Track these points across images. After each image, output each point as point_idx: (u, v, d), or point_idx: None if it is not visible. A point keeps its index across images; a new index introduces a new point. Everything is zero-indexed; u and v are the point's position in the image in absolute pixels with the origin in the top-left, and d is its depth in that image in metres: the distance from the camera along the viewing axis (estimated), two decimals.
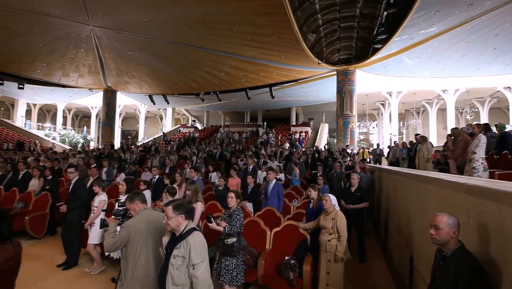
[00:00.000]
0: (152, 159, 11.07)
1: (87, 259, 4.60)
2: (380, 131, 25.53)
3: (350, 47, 14.71)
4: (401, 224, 3.93)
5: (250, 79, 16.63)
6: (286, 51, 12.54)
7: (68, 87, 19.61)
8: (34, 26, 11.20)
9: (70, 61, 15.16)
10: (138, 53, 13.88)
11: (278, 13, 9.26)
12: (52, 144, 23.35)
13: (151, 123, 34.86)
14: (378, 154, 13.07)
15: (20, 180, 6.85)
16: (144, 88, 19.92)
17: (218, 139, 19.77)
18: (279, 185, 5.42)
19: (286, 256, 3.59)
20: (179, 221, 2.09)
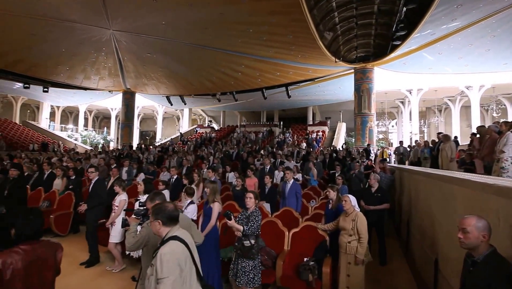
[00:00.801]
0: (170, 159, 11.26)
1: (108, 257, 4.71)
2: (400, 130, 24.83)
3: (368, 44, 14.38)
4: (424, 226, 3.80)
5: (266, 79, 16.60)
6: (302, 50, 12.42)
7: (89, 89, 20.34)
8: (57, 32, 11.66)
9: (91, 64, 15.69)
10: (156, 55, 14.16)
11: (294, 12, 9.19)
12: (74, 145, 24.30)
13: (168, 123, 35.50)
14: (402, 153, 11.90)
15: (45, 180, 7.12)
16: (161, 89, 20.31)
17: (234, 139, 19.89)
18: (297, 185, 5.37)
19: (305, 257, 3.55)
20: (156, 226, 1.92)
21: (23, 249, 1.74)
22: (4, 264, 1.63)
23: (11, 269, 1.65)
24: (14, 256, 1.68)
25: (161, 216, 1.91)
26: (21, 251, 1.72)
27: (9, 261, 1.65)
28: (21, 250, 1.72)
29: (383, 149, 13.03)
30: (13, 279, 1.66)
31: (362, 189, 6.20)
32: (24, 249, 1.74)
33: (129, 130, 21.21)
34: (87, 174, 8.50)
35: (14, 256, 1.68)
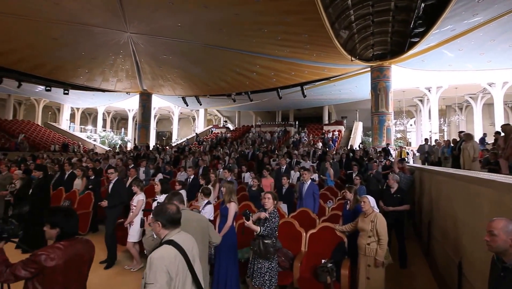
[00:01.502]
0: (186, 159, 11.40)
1: (127, 256, 4.78)
2: (419, 129, 24.17)
3: (385, 42, 14.07)
4: (447, 228, 3.68)
5: (281, 79, 16.57)
6: (317, 49, 12.31)
7: (108, 91, 20.95)
8: (77, 36, 12.07)
9: (110, 66, 16.14)
10: (171, 56, 14.41)
11: (309, 11, 9.11)
12: (93, 145, 25.05)
13: (184, 124, 36.01)
14: (427, 152, 10.75)
15: (66, 180, 7.34)
16: (177, 90, 20.64)
17: (250, 139, 19.93)
18: (314, 185, 5.31)
19: (323, 259, 3.48)
20: (156, 228, 1.88)
21: (64, 245, 1.86)
22: (47, 258, 1.75)
23: (54, 263, 1.76)
24: (56, 251, 1.80)
25: (161, 218, 1.86)
26: (62, 247, 1.84)
27: (52, 255, 1.76)
28: (62, 246, 1.84)
29: (401, 148, 12.68)
30: (55, 272, 1.78)
31: (380, 190, 6.07)
32: (64, 245, 1.86)
33: (145, 131, 21.68)
34: (106, 174, 8.76)
35: (56, 251, 1.80)
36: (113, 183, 4.94)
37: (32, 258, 1.76)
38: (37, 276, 1.77)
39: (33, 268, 1.74)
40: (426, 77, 16.84)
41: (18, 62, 14.72)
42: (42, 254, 1.77)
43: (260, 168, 8.97)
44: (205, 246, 2.61)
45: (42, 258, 1.75)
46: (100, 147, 25.23)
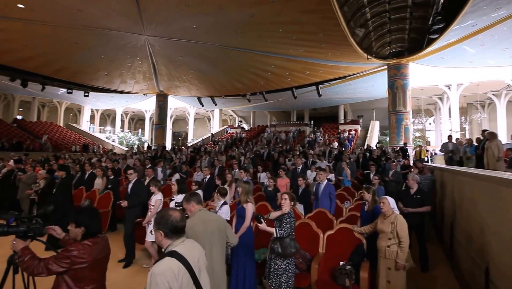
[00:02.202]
0: (202, 159, 11.53)
1: (145, 255, 4.87)
2: (438, 128, 23.44)
3: (402, 39, 13.73)
4: (471, 232, 3.55)
5: (296, 78, 16.47)
6: (333, 48, 12.15)
7: (126, 93, 21.49)
8: (98, 40, 12.45)
9: (128, 69, 16.55)
10: (187, 58, 14.60)
11: (324, 10, 9.01)
12: (112, 146, 25.80)
13: (199, 124, 36.45)
14: (451, 150, 9.60)
15: (86, 180, 7.55)
16: (193, 91, 20.90)
17: (265, 139, 19.94)
18: (331, 186, 5.26)
19: (341, 261, 3.44)
20: (158, 238, 1.73)
21: (92, 242, 1.96)
22: (79, 254, 1.86)
23: (84, 259, 1.87)
24: (86, 248, 1.91)
25: (163, 227, 1.70)
26: (91, 244, 1.94)
27: (82, 251, 1.88)
28: (91, 243, 1.95)
29: (420, 148, 12.32)
30: (85, 268, 1.89)
31: (399, 191, 5.92)
32: (92, 242, 1.97)
33: (162, 131, 22.06)
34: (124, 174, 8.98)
35: (86, 248, 1.91)
36: (132, 184, 5.02)
37: (65, 254, 1.85)
38: (68, 271, 1.86)
39: (66, 263, 1.83)
40: (445, 74, 16.33)
41: (42, 66, 15.35)
42: (74, 250, 1.86)
43: (276, 168, 8.96)
44: (223, 247, 2.61)
45: (74, 253, 1.84)
46: (118, 147, 25.97)
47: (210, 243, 2.45)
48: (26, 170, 7.74)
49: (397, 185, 6.75)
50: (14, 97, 24.99)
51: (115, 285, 3.86)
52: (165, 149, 17.37)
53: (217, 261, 2.47)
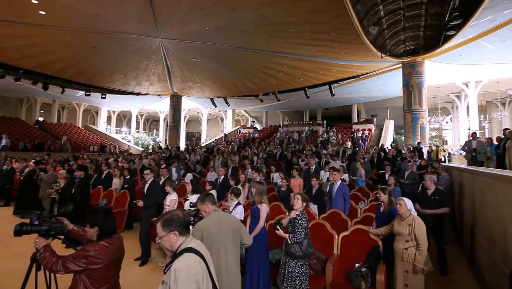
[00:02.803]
0: (215, 159, 11.63)
1: (160, 254, 4.95)
2: (456, 126, 22.75)
3: (417, 36, 13.43)
4: (494, 235, 3.44)
5: (308, 78, 16.38)
6: (346, 47, 12.01)
7: (141, 94, 21.95)
8: (113, 43, 12.78)
9: (143, 71, 16.89)
10: (200, 59, 14.76)
11: (337, 9, 8.91)
12: (128, 146, 26.38)
13: (212, 125, 36.73)
14: (475, 149, 8.48)
15: (103, 179, 7.77)
16: (206, 92, 21.11)
17: (277, 139, 19.92)
18: (345, 186, 5.20)
19: (356, 263, 3.40)
20: (172, 239, 1.69)
21: (108, 242, 2.02)
22: (95, 255, 1.92)
23: (100, 260, 1.93)
24: (103, 248, 1.97)
25: (176, 226, 1.70)
26: (107, 244, 2.00)
27: (99, 252, 1.93)
28: (105, 243, 2.00)
29: (437, 147, 12.01)
30: (101, 268, 1.94)
31: (415, 191, 5.80)
32: (108, 242, 2.02)
33: (176, 132, 22.39)
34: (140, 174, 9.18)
35: (103, 248, 1.96)
36: (149, 184, 5.10)
37: (82, 253, 1.91)
38: (85, 270, 1.91)
39: (83, 262, 1.89)
40: (463, 72, 15.80)
41: (61, 70, 15.92)
42: (91, 250, 1.91)
43: (289, 168, 8.93)
44: (237, 247, 2.62)
45: (91, 254, 1.90)
46: (134, 147, 26.53)
47: (225, 243, 2.46)
48: (47, 170, 8.05)
49: (414, 186, 6.61)
50: (36, 99, 25.97)
51: (131, 282, 3.94)
52: (179, 149, 17.62)
53: (231, 261, 2.49)
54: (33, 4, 9.26)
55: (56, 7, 9.56)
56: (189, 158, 13.47)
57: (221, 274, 2.40)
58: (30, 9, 9.55)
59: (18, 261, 4.32)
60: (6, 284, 3.77)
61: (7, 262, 4.51)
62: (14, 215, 7.73)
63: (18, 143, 18.50)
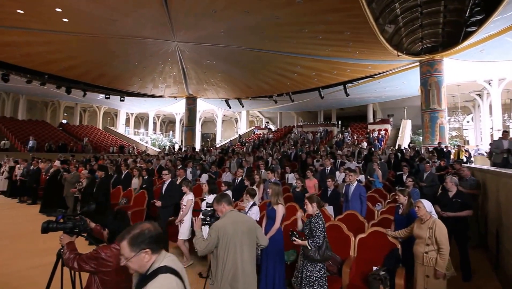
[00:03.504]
0: (230, 160, 11.72)
1: (178, 252, 4.95)
2: (478, 126, 21.92)
3: (436, 34, 13.07)
4: None
5: (322, 78, 16.27)
6: (361, 46, 11.85)
7: (158, 97, 22.52)
8: (132, 47, 13.16)
9: (159, 74, 17.30)
10: (215, 61, 14.95)
11: (351, 8, 8.82)
12: (145, 147, 27.04)
13: (227, 126, 37.04)
14: (508, 150, 6.90)
15: (123, 179, 7.98)
16: (221, 93, 21.36)
17: (292, 139, 19.87)
18: (361, 187, 5.12)
19: (374, 266, 3.33)
20: (143, 259, 1.43)
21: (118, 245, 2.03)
22: (105, 258, 1.94)
23: (109, 263, 1.95)
24: (113, 250, 1.98)
25: (147, 243, 1.44)
26: (117, 247, 1.97)
27: (109, 255, 1.96)
28: (117, 246, 1.97)
29: (459, 148, 11.61)
30: (110, 272, 1.96)
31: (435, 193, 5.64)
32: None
33: (192, 133, 22.78)
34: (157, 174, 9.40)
35: (114, 252, 1.97)
36: (167, 184, 5.21)
37: (94, 255, 1.95)
38: (97, 272, 1.95)
39: (93, 263, 1.93)
40: (485, 69, 15.23)
41: (83, 74, 16.58)
42: (102, 253, 1.94)
43: (304, 168, 8.90)
44: (253, 248, 2.61)
45: (101, 256, 1.93)
46: (151, 148, 27.16)
47: (241, 243, 2.47)
48: (71, 170, 8.38)
49: (433, 188, 6.42)
50: (60, 103, 27.35)
51: None
52: (195, 150, 17.89)
53: (247, 261, 2.48)
54: (57, 12, 9.72)
55: (79, 15, 9.99)
56: (204, 158, 13.65)
57: (237, 275, 2.40)
58: (55, 17, 10.02)
59: (45, 256, 4.53)
60: (34, 278, 3.95)
61: (35, 257, 4.73)
62: (41, 213, 8.10)
63: (43, 145, 19.43)
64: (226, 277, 2.37)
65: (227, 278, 2.37)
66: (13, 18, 10.05)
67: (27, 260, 4.66)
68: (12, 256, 4.81)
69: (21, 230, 6.38)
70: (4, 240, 5.59)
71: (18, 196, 10.13)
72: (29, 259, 4.69)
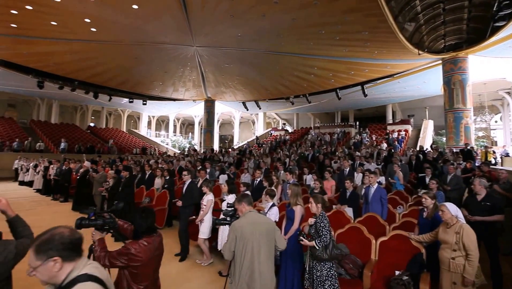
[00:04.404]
0: (248, 161, 11.85)
1: (198, 251, 5.15)
2: (507, 126, 20.89)
3: (460, 30, 12.60)
4: None
5: (340, 79, 16.09)
6: (379, 46, 11.65)
7: (177, 100, 23.13)
8: (153, 53, 13.62)
9: (179, 78, 17.76)
10: (233, 65, 15.17)
11: (369, 7, 8.72)
12: (166, 148, 27.82)
13: (244, 127, 37.34)
14: None
15: (146, 179, 8.31)
16: (238, 96, 21.61)
17: (309, 141, 19.77)
18: (382, 190, 5.05)
19: (396, 270, 3.27)
20: (52, 269, 1.26)
21: (147, 241, 2.15)
22: (135, 253, 2.06)
23: (140, 258, 2.07)
24: (142, 247, 2.10)
25: (57, 250, 1.27)
26: (145, 242, 2.13)
27: (138, 250, 2.07)
28: (145, 242, 2.13)
29: (486, 149, 11.12)
30: (140, 266, 2.08)
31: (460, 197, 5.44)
32: (148, 241, 2.15)
33: (210, 135, 23.16)
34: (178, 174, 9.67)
35: (142, 247, 2.10)
36: (187, 185, 5.37)
37: (124, 251, 2.06)
38: (127, 267, 2.06)
39: (124, 259, 2.04)
40: None
41: (109, 80, 17.41)
42: (131, 248, 2.06)
43: (321, 170, 8.87)
44: (271, 249, 2.62)
45: (132, 252, 2.04)
46: (171, 150, 27.94)
47: (258, 244, 2.48)
48: (98, 170, 8.82)
49: (459, 191, 6.20)
50: (88, 107, 28.96)
51: (170, 277, 4.16)
52: (214, 151, 18.19)
53: (264, 262, 2.50)
54: (86, 22, 10.31)
55: (105, 24, 10.52)
56: (223, 159, 13.87)
57: (254, 275, 2.42)
58: (84, 27, 10.63)
59: None
60: None
61: None
62: (73, 210, 8.57)
63: (73, 146, 20.67)
64: (243, 277, 2.41)
65: (244, 278, 2.41)
66: (48, 30, 10.77)
67: None
68: None
69: (55, 225, 6.71)
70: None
71: (52, 194, 10.81)
72: None
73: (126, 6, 9.27)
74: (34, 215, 7.67)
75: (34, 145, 19.19)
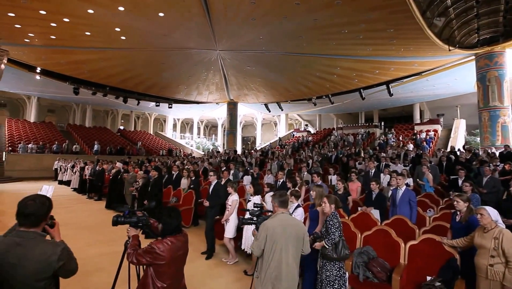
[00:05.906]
0: (271, 162, 11.89)
1: (224, 250, 5.26)
2: None
3: (495, 23, 11.84)
4: None
5: (363, 79, 15.74)
6: (405, 43, 11.27)
7: (201, 103, 23.75)
8: (178, 58, 14.08)
9: (203, 81, 18.21)
10: (255, 67, 15.32)
11: (394, 4, 8.48)
12: (191, 150, 28.58)
13: (266, 129, 37.45)
14: None
15: (173, 180, 8.57)
16: (260, 98, 21.76)
17: (332, 142, 19.47)
18: (411, 192, 4.88)
19: (428, 275, 3.16)
20: None
21: (171, 240, 2.20)
22: (159, 252, 2.11)
23: (163, 257, 2.12)
24: (166, 246, 2.15)
25: None
26: (169, 242, 2.17)
27: (162, 249, 2.13)
28: (169, 241, 2.18)
29: None
30: (164, 265, 2.14)
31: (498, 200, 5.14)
32: (171, 240, 2.20)
33: (233, 137, 23.46)
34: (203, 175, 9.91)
35: (166, 246, 2.15)
36: (213, 185, 5.48)
37: (149, 249, 2.12)
38: (152, 265, 2.13)
39: (149, 257, 2.11)
40: None
41: (137, 85, 18.26)
42: (156, 247, 2.11)
43: (345, 171, 8.72)
44: (298, 251, 2.62)
45: (156, 250, 2.10)
46: (196, 151, 28.66)
47: (286, 246, 2.50)
48: (129, 171, 9.23)
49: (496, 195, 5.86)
50: (118, 111, 30.71)
51: (198, 274, 4.27)
52: (237, 152, 18.41)
53: (291, 264, 2.52)
54: (116, 31, 10.89)
55: (134, 32, 11.06)
56: (245, 161, 14.01)
57: (280, 276, 2.44)
58: (114, 36, 11.23)
59: (111, 246, 5.24)
60: (103, 263, 4.54)
61: (103, 246, 5.41)
62: (106, 208, 9.02)
63: (105, 148, 22.01)
64: (269, 276, 2.43)
65: (270, 277, 2.43)
66: (83, 40, 11.54)
67: (97, 248, 5.28)
68: (85, 243, 5.49)
69: (91, 222, 7.14)
70: (79, 230, 6.38)
71: (87, 193, 11.52)
72: (99, 247, 5.32)
73: (153, 15, 9.68)
74: (71, 212, 8.24)
75: (71, 147, 20.69)
